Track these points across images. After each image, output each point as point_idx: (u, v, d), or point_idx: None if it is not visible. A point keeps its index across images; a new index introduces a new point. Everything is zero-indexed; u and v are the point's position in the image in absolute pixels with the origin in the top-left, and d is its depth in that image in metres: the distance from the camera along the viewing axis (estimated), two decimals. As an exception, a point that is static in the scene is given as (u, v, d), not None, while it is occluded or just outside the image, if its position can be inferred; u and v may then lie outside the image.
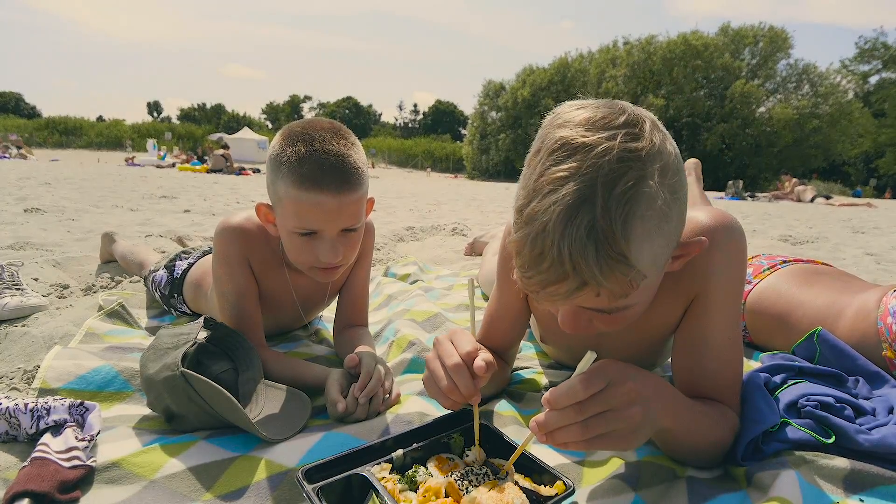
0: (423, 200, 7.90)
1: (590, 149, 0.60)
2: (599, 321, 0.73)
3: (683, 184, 0.67)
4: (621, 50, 38.77)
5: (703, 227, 0.82)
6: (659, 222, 0.62)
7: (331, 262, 1.06)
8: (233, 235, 1.16)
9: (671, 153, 0.64)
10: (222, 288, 1.19)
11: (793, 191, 13.75)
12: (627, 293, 0.63)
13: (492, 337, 1.09)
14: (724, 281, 0.82)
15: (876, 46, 38.26)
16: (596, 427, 0.61)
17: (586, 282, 0.60)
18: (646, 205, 0.60)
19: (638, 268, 0.61)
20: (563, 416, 0.61)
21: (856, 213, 8.88)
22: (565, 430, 0.61)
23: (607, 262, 0.59)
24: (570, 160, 0.60)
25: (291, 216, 1.03)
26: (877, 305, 1.15)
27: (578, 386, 0.61)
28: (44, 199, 4.79)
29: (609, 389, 0.61)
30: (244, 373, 1.06)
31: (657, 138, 0.63)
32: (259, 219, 1.15)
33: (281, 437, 0.88)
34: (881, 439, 0.80)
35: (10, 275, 1.61)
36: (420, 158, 45.24)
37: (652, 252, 0.63)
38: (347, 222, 1.05)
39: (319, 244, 1.06)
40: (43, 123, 47.05)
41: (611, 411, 0.61)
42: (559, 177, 0.60)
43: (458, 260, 2.89)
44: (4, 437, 0.84)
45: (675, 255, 0.72)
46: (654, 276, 0.67)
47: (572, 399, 0.61)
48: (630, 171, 0.59)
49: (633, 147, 0.60)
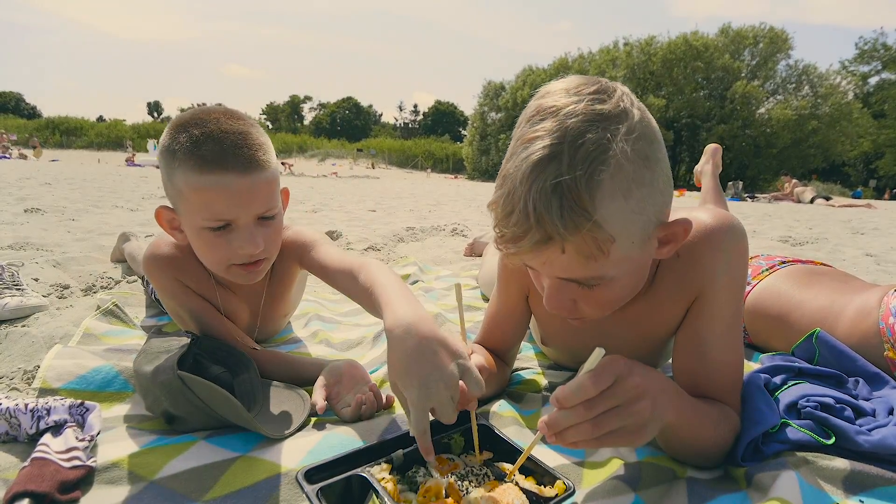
0: (423, 201, 7.90)
1: (559, 111, 0.63)
2: (582, 300, 0.74)
3: (659, 156, 0.68)
4: (621, 51, 38.78)
5: (706, 227, 0.82)
6: (628, 184, 0.63)
7: (251, 252, 0.97)
8: (162, 265, 1.10)
9: (642, 120, 0.66)
10: (180, 316, 1.16)
11: (792, 192, 13.76)
12: (596, 256, 0.64)
13: (492, 338, 1.09)
14: (725, 281, 0.82)
15: (876, 47, 38.27)
16: (606, 424, 0.61)
17: (550, 235, 0.62)
18: (613, 164, 0.61)
19: (604, 227, 0.62)
20: (572, 414, 0.61)
21: (855, 214, 8.88)
22: (575, 428, 0.61)
23: (570, 216, 0.60)
24: (541, 122, 0.63)
25: (197, 209, 0.93)
26: (877, 305, 1.15)
27: (588, 383, 0.60)
28: (44, 200, 4.79)
29: (617, 385, 0.61)
30: (239, 375, 1.06)
31: (626, 103, 0.65)
32: (162, 227, 1.04)
33: (281, 434, 0.88)
34: (881, 440, 0.80)
35: (11, 275, 1.61)
36: (420, 159, 45.24)
37: (622, 215, 0.63)
38: (262, 206, 0.97)
39: (235, 236, 0.96)
40: (43, 123, 47.08)
41: (620, 407, 0.61)
42: (531, 137, 0.63)
43: (458, 260, 2.89)
44: (4, 438, 0.84)
45: (660, 238, 0.73)
46: (628, 245, 0.67)
47: (582, 396, 0.60)
48: (595, 130, 0.61)
49: (599, 108, 0.62)
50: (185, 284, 1.13)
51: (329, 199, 7.28)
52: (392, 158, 47.04)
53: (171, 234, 1.05)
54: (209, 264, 1.05)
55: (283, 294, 1.30)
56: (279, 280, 1.26)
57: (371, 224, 4.47)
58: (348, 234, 3.64)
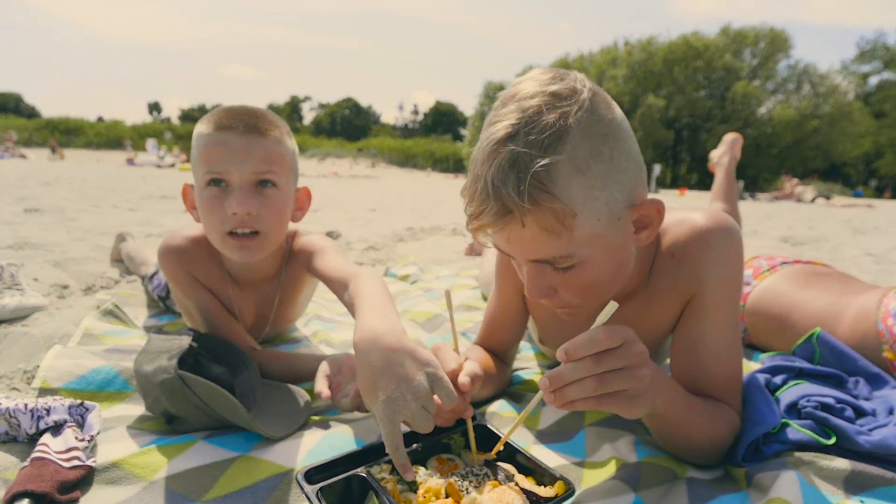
0: (423, 200, 7.90)
1: (518, 96, 0.67)
2: (561, 287, 0.75)
3: (619, 135, 0.70)
4: (622, 50, 38.75)
5: (699, 228, 0.82)
6: (585, 160, 0.65)
7: (238, 212, 0.99)
8: (175, 255, 1.13)
9: (595, 100, 0.68)
10: (187, 308, 1.17)
11: (793, 191, 13.76)
12: (559, 231, 0.66)
13: (491, 337, 1.09)
14: (720, 282, 0.82)
15: (876, 47, 38.28)
16: (611, 382, 0.59)
17: (508, 208, 0.64)
18: (568, 141, 0.64)
19: (562, 200, 0.64)
20: (579, 367, 0.59)
21: (856, 214, 8.88)
22: (579, 384, 0.59)
23: (528, 190, 0.62)
24: (503, 108, 0.67)
25: (200, 164, 1.02)
26: (877, 307, 1.15)
27: (602, 336, 0.59)
28: (43, 200, 4.79)
29: (626, 346, 0.61)
30: (239, 375, 1.06)
31: (579, 84, 0.67)
32: (185, 205, 1.12)
33: (281, 434, 0.88)
34: (881, 440, 0.80)
35: (10, 275, 1.61)
36: (420, 159, 45.24)
37: (580, 190, 0.65)
38: (257, 167, 1.01)
39: (228, 196, 1.01)
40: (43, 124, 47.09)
41: (626, 369, 0.60)
42: (493, 122, 0.67)
43: (459, 260, 2.89)
44: (4, 438, 0.83)
45: (635, 221, 0.74)
46: (594, 222, 0.68)
47: (594, 349, 0.59)
48: (550, 110, 0.64)
49: (553, 90, 0.66)
50: (195, 278, 1.15)
51: (329, 199, 7.28)
52: (392, 158, 47.05)
53: (190, 213, 1.11)
54: (210, 234, 1.07)
55: (294, 298, 1.32)
56: (290, 284, 1.27)
57: (371, 224, 4.47)
58: (348, 234, 3.64)
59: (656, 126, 33.49)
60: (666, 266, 0.86)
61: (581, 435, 0.92)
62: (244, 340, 1.17)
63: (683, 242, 0.83)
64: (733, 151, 2.27)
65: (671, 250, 0.85)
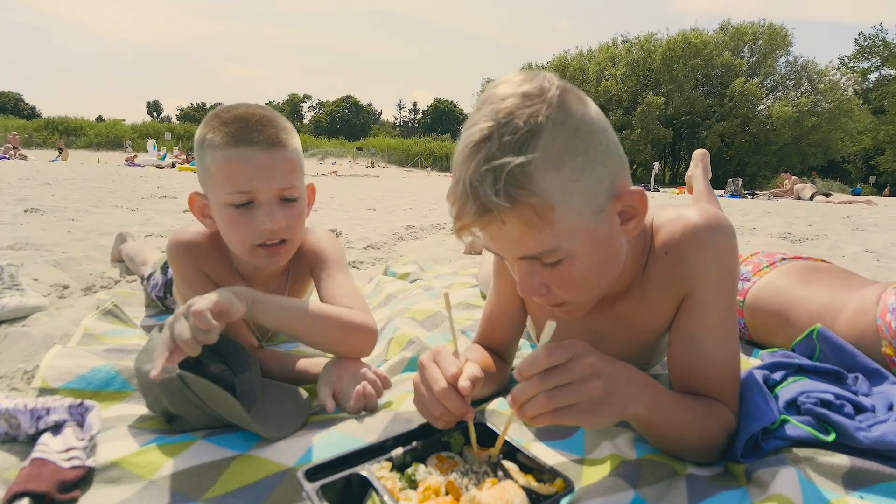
0: (423, 199, 7.90)
1: (493, 98, 0.68)
2: (552, 283, 0.76)
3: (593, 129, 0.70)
4: (620, 48, 38.68)
5: (693, 225, 0.83)
6: (560, 155, 0.66)
7: (272, 228, 0.99)
8: (185, 251, 1.13)
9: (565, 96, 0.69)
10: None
11: (792, 189, 13.75)
12: (540, 227, 0.67)
13: (490, 336, 1.09)
14: (713, 280, 0.82)
15: (875, 43, 38.24)
16: (559, 398, 0.62)
17: (486, 207, 0.65)
18: (542, 137, 0.65)
19: (539, 195, 0.65)
20: (529, 386, 0.63)
21: (855, 211, 8.88)
22: (533, 401, 0.63)
23: (504, 188, 0.64)
24: (479, 112, 0.69)
25: (223, 183, 0.98)
26: (875, 302, 1.15)
27: (542, 355, 0.63)
28: (44, 200, 4.79)
29: (572, 362, 0.64)
30: (240, 374, 1.06)
31: (548, 84, 0.68)
32: (194, 213, 1.09)
33: (281, 435, 0.88)
34: (881, 436, 0.80)
35: (10, 275, 1.61)
36: (420, 157, 45.23)
37: (557, 184, 0.66)
38: (283, 182, 1.01)
39: (257, 213, 1.00)
40: (42, 124, 46.97)
41: (573, 384, 0.63)
42: (470, 126, 0.69)
43: (458, 258, 2.90)
44: (4, 438, 0.83)
45: (620, 212, 0.74)
46: (574, 215, 0.69)
47: (536, 368, 0.63)
48: (522, 109, 0.66)
49: (524, 90, 0.67)
50: (204, 273, 1.15)
51: (329, 198, 7.28)
52: (391, 157, 47.01)
53: (202, 221, 1.10)
54: (234, 245, 1.07)
55: (300, 294, 1.34)
56: (297, 281, 1.29)
57: (371, 223, 4.47)
58: (348, 233, 3.64)
59: (655, 124, 33.47)
60: (660, 263, 0.86)
61: (580, 432, 0.92)
62: (247, 338, 1.17)
63: (677, 240, 0.84)
64: (703, 163, 2.46)
65: (665, 247, 0.85)
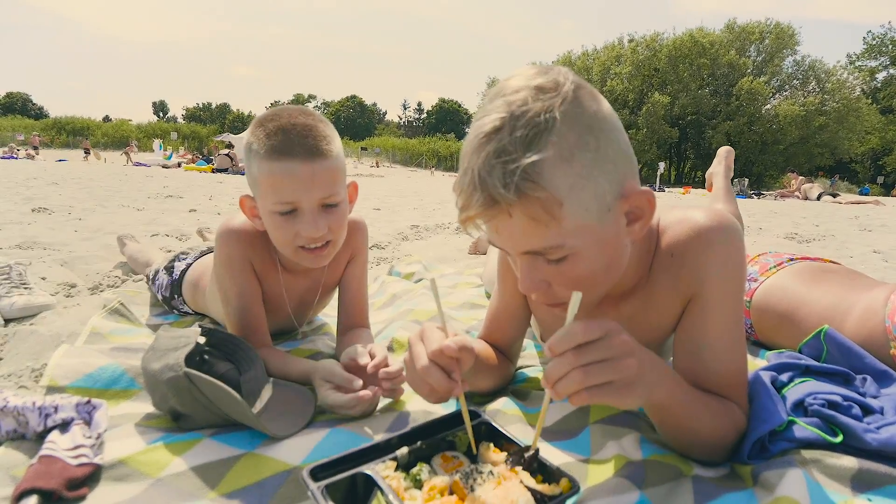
0: (428, 199, 7.91)
1: (506, 91, 0.67)
2: (554, 281, 0.75)
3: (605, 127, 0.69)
4: (626, 47, 38.50)
5: (699, 227, 0.82)
6: (570, 150, 0.65)
7: (313, 236, 1.05)
8: (235, 237, 1.17)
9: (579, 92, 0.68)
10: (226, 290, 1.19)
11: (799, 189, 13.67)
12: (546, 222, 0.66)
13: (493, 334, 1.09)
14: (720, 281, 0.81)
15: (884, 42, 37.92)
16: (595, 375, 0.61)
17: (494, 198, 0.64)
18: (553, 131, 0.64)
19: (547, 189, 0.64)
20: (563, 362, 0.62)
21: (863, 211, 8.81)
22: (567, 378, 0.61)
23: (513, 180, 0.63)
24: (491, 104, 0.68)
25: (268, 193, 1.04)
26: (884, 304, 1.14)
27: (577, 329, 0.62)
28: (51, 199, 4.83)
29: (606, 339, 0.62)
30: (246, 372, 1.07)
31: (562, 78, 0.68)
32: (245, 214, 1.15)
33: (286, 433, 0.88)
34: (889, 438, 0.79)
35: (18, 274, 1.62)
36: (424, 157, 45.23)
37: (566, 179, 0.65)
38: (324, 191, 1.05)
39: (300, 220, 1.05)
40: (50, 123, 47.32)
41: (609, 360, 0.62)
42: (481, 117, 0.68)
43: (463, 258, 2.89)
44: (13, 435, 0.84)
45: (627, 213, 0.73)
46: (582, 213, 0.68)
47: (571, 343, 0.61)
48: (535, 102, 0.65)
49: (538, 83, 0.67)
50: (249, 261, 1.19)
51: (333, 198, 7.27)
52: (396, 157, 47.04)
53: (252, 221, 1.15)
54: (279, 246, 1.12)
55: (333, 286, 1.40)
56: (332, 273, 1.34)
57: (376, 223, 4.47)
58: (353, 233, 3.64)
59: (661, 124, 33.31)
60: (666, 265, 0.85)
61: (586, 432, 0.92)
62: (265, 336, 1.20)
63: (684, 241, 0.83)
64: (727, 162, 2.40)
65: (671, 249, 0.85)
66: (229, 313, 1.19)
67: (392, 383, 0.98)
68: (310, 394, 1.04)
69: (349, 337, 1.29)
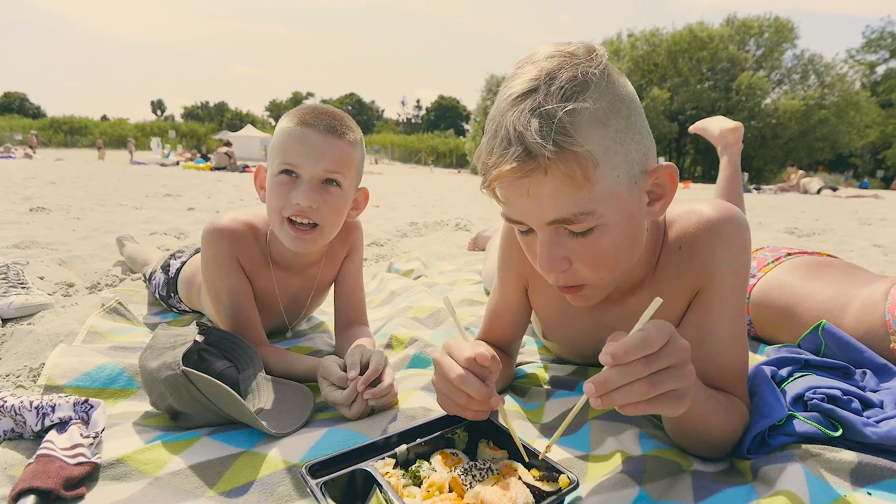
0: (427, 196, 7.90)
1: (536, 58, 0.68)
2: (576, 257, 0.73)
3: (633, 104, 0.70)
4: (625, 42, 38.41)
5: (707, 219, 0.81)
6: (605, 114, 0.66)
7: (303, 205, 1.06)
8: (221, 236, 1.17)
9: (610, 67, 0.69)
10: (216, 290, 1.18)
11: (798, 183, 13.66)
12: (581, 184, 0.65)
13: (494, 332, 1.08)
14: (727, 274, 0.81)
15: (883, 36, 37.83)
16: (662, 383, 0.57)
17: (532, 152, 0.63)
18: (589, 94, 0.65)
19: (587, 147, 0.64)
20: (629, 371, 0.56)
21: (863, 205, 8.81)
22: (628, 388, 0.57)
23: (550, 133, 0.62)
24: (521, 69, 0.68)
25: (277, 153, 1.08)
26: (884, 297, 1.14)
27: (655, 335, 0.56)
28: (49, 199, 4.81)
29: (672, 344, 0.58)
30: (245, 370, 1.07)
31: (597, 51, 0.69)
32: (255, 182, 1.20)
33: (285, 431, 0.88)
34: (889, 431, 0.79)
35: (16, 273, 1.62)
36: (423, 154, 45.16)
37: (602, 141, 0.65)
38: (329, 166, 1.07)
39: (297, 188, 1.08)
40: (48, 123, 47.23)
41: (675, 367, 0.58)
42: (511, 82, 0.68)
43: (462, 255, 2.89)
44: (10, 435, 0.84)
45: (649, 190, 0.73)
46: (614, 179, 0.68)
47: (645, 350, 0.56)
48: (570, 68, 0.65)
49: (572, 51, 0.67)
50: (237, 260, 1.19)
51: (332, 196, 7.26)
52: (395, 154, 46.99)
53: (258, 192, 1.19)
54: (270, 215, 1.13)
55: (328, 286, 1.40)
56: (326, 273, 1.35)
57: (374, 220, 4.47)
58: (352, 230, 3.63)
59: (660, 119, 33.27)
60: (673, 257, 0.85)
61: (585, 428, 0.92)
62: (260, 334, 1.19)
63: (691, 234, 0.82)
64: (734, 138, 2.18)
65: (678, 241, 0.84)
66: (221, 313, 1.18)
67: (378, 402, 0.95)
68: (308, 392, 1.04)
69: (348, 335, 1.29)
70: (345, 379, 0.96)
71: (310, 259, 1.29)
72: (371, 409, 0.97)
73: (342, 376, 0.97)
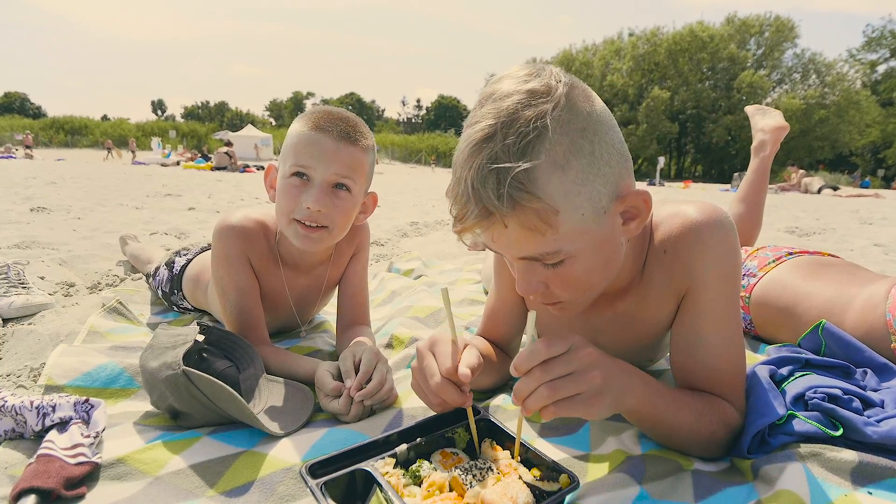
0: (427, 196, 7.90)
1: (495, 95, 0.66)
2: (552, 282, 0.75)
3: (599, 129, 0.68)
4: (626, 42, 38.40)
5: (691, 222, 0.81)
6: (565, 157, 0.64)
7: (313, 208, 1.06)
8: (233, 233, 1.17)
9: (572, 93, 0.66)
10: (223, 287, 1.19)
11: (799, 182, 13.65)
12: (542, 230, 0.65)
13: (491, 331, 1.09)
14: (713, 276, 0.80)
15: (884, 35, 37.79)
16: (562, 389, 0.62)
17: (489, 210, 0.64)
18: (546, 138, 0.63)
19: (543, 200, 0.63)
20: (530, 379, 0.63)
21: (863, 204, 8.80)
22: (535, 394, 0.63)
23: (507, 191, 0.62)
24: (481, 108, 0.67)
25: (289, 155, 1.09)
26: (885, 297, 1.14)
27: (541, 346, 0.63)
28: (50, 199, 4.82)
29: (570, 353, 0.64)
30: (245, 370, 1.07)
31: (554, 80, 0.66)
32: (265, 181, 1.20)
33: (285, 431, 0.88)
34: (889, 431, 0.79)
35: (16, 273, 1.62)
36: (424, 153, 45.18)
37: (562, 187, 0.64)
38: (340, 170, 1.08)
39: (307, 190, 1.08)
40: (48, 123, 47.26)
41: (574, 374, 0.63)
42: (472, 123, 0.67)
43: (462, 255, 2.89)
44: (11, 435, 0.84)
45: (623, 212, 0.73)
46: (578, 218, 0.67)
47: (535, 360, 0.63)
48: (527, 108, 0.63)
49: (529, 87, 0.65)
50: (248, 259, 1.19)
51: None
52: (395, 154, 47.00)
53: (268, 192, 1.19)
54: (279, 215, 1.14)
55: (335, 285, 1.40)
56: (334, 273, 1.35)
57: (375, 219, 4.47)
58: (352, 230, 3.63)
59: (661, 118, 33.27)
60: (659, 261, 0.85)
61: (585, 428, 0.92)
62: (263, 333, 1.20)
63: (676, 237, 0.82)
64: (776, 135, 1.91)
65: (663, 245, 0.84)
66: (227, 310, 1.19)
67: (374, 400, 0.96)
68: (309, 392, 1.04)
69: (349, 335, 1.29)
70: (338, 388, 0.97)
71: (317, 258, 1.29)
72: (371, 410, 0.97)
73: (336, 386, 0.97)
